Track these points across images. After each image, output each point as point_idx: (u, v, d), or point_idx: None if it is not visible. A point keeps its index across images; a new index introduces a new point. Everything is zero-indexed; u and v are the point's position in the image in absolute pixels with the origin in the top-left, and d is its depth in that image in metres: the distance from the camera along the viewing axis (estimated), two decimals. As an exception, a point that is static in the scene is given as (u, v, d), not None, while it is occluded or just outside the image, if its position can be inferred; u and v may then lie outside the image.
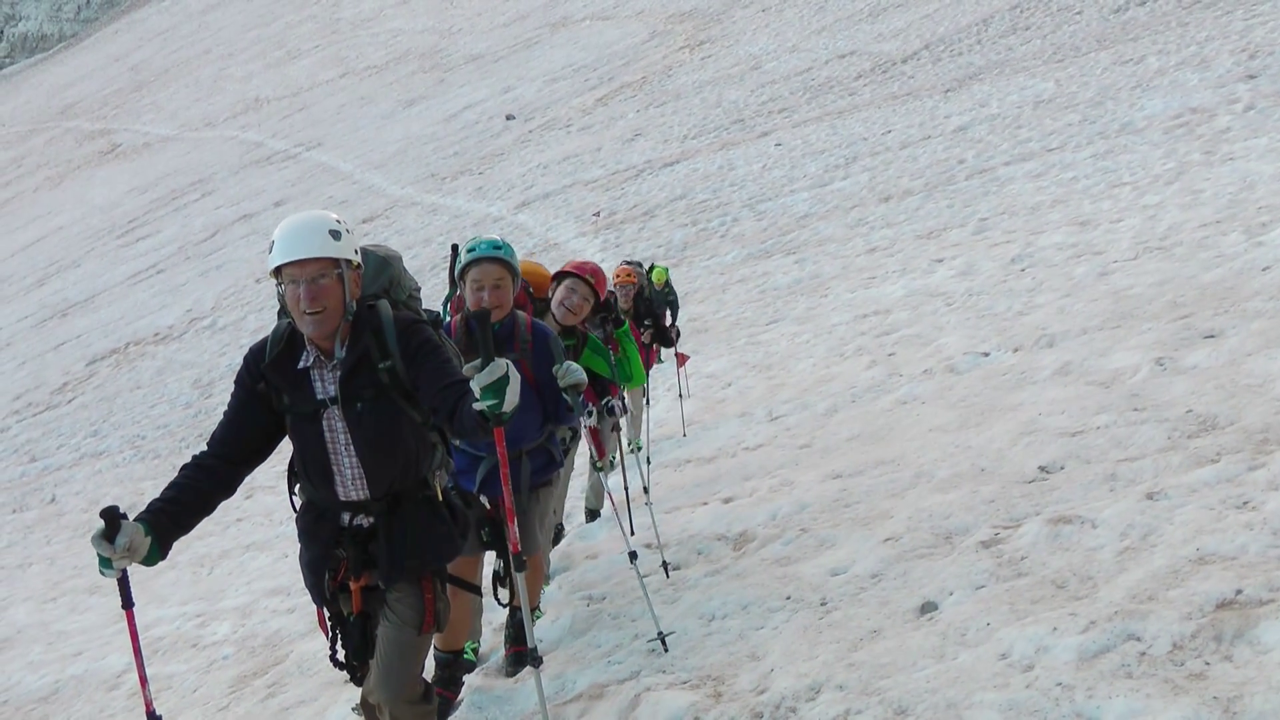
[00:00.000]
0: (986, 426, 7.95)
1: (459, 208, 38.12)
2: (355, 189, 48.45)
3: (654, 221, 28.73)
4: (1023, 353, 9.81)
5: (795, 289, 18.67)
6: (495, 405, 4.02)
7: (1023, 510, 6.02)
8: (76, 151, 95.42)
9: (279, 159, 63.91)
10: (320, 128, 69.26)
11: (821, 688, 4.77)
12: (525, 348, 5.99)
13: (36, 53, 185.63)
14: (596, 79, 53.99)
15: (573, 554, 8.66)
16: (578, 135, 43.62)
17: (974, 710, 4.17)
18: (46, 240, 64.95)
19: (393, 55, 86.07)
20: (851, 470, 8.07)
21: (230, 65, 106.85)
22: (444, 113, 60.37)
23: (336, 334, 4.44)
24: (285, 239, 4.32)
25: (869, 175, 24.94)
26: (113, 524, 4.05)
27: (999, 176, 20.39)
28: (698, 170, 32.30)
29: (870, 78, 35.87)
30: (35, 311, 46.41)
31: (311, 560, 4.72)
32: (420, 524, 4.64)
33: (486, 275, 5.82)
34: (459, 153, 48.48)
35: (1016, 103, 25.92)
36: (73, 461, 24.56)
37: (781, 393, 12.29)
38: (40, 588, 14.21)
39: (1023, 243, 14.78)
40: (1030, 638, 4.56)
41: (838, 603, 5.62)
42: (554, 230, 31.07)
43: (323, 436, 4.52)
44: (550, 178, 38.03)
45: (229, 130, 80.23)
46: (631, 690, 5.36)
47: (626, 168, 35.80)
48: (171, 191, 64.78)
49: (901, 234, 19.19)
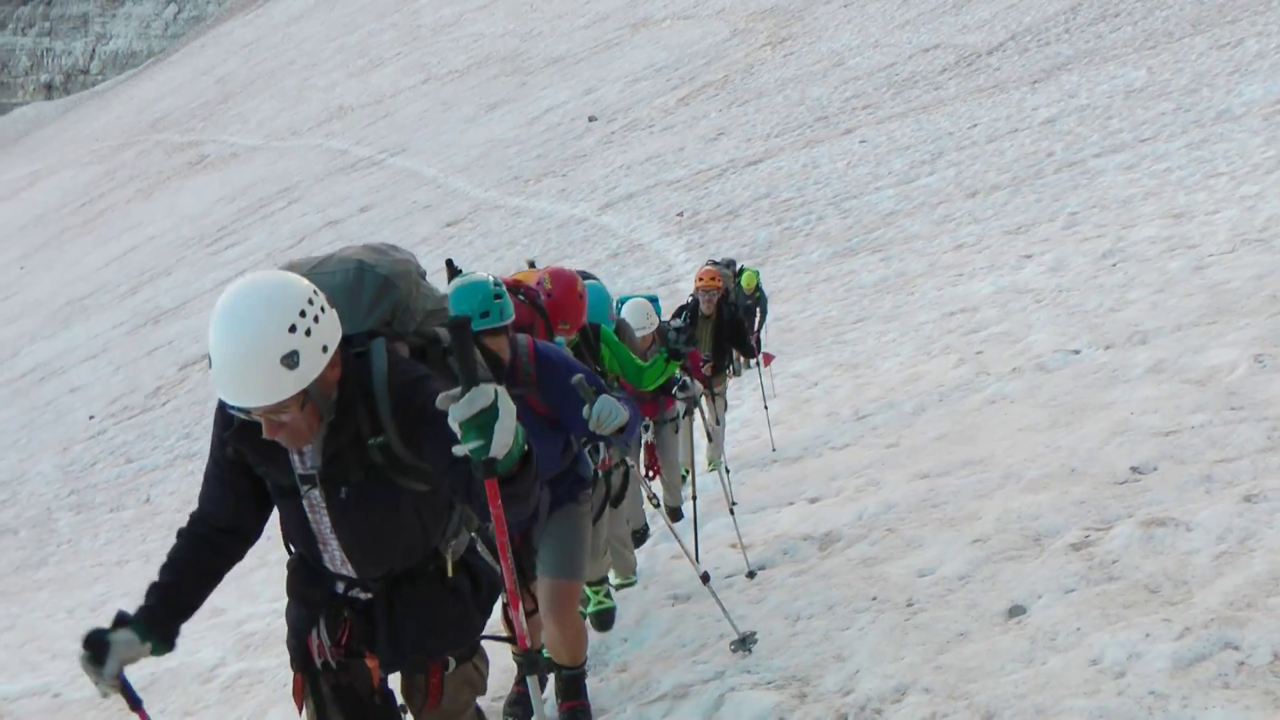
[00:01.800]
0: (1077, 426, 7.81)
1: (543, 210, 38.23)
2: (439, 193, 48.74)
3: (738, 221, 28.64)
4: (1114, 350, 9.63)
5: (881, 287, 18.51)
6: (480, 449, 3.09)
7: (1114, 512, 5.88)
8: (166, 163, 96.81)
9: (363, 166, 64.45)
10: (404, 134, 69.73)
11: (907, 690, 4.71)
12: (529, 380, 5.28)
13: (126, 69, 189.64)
14: (678, 79, 53.90)
15: (658, 554, 8.66)
16: (660, 135, 43.58)
17: (1063, 717, 4.08)
18: (138, 250, 65.92)
19: (474, 60, 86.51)
20: (939, 470, 7.97)
21: (314, 75, 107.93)
22: (526, 116, 60.55)
23: None
24: (224, 371, 3.31)
25: (955, 171, 24.69)
26: (99, 650, 3.56)
27: (1089, 169, 20.07)
28: (781, 169, 32.14)
29: (955, 71, 35.52)
30: (129, 318, 47.12)
31: (298, 621, 4.00)
32: (429, 604, 3.82)
33: None
34: (542, 155, 48.59)
35: (1107, 92, 25.53)
36: (166, 463, 24.91)
37: (868, 392, 12.19)
38: (137, 584, 14.40)
39: (1114, 237, 14.53)
40: (1122, 644, 4.44)
41: (924, 604, 5.54)
42: (638, 231, 31.07)
43: (304, 514, 3.74)
44: (633, 178, 38.04)
45: (314, 139, 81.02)
46: (716, 690, 5.33)
47: (710, 167, 35.71)
48: (259, 200, 65.52)
49: (989, 230, 18.96)
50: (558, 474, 5.59)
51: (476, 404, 3.06)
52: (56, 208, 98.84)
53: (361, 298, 3.77)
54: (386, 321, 3.80)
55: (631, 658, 6.34)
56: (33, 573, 21.88)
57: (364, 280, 3.79)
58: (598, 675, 6.26)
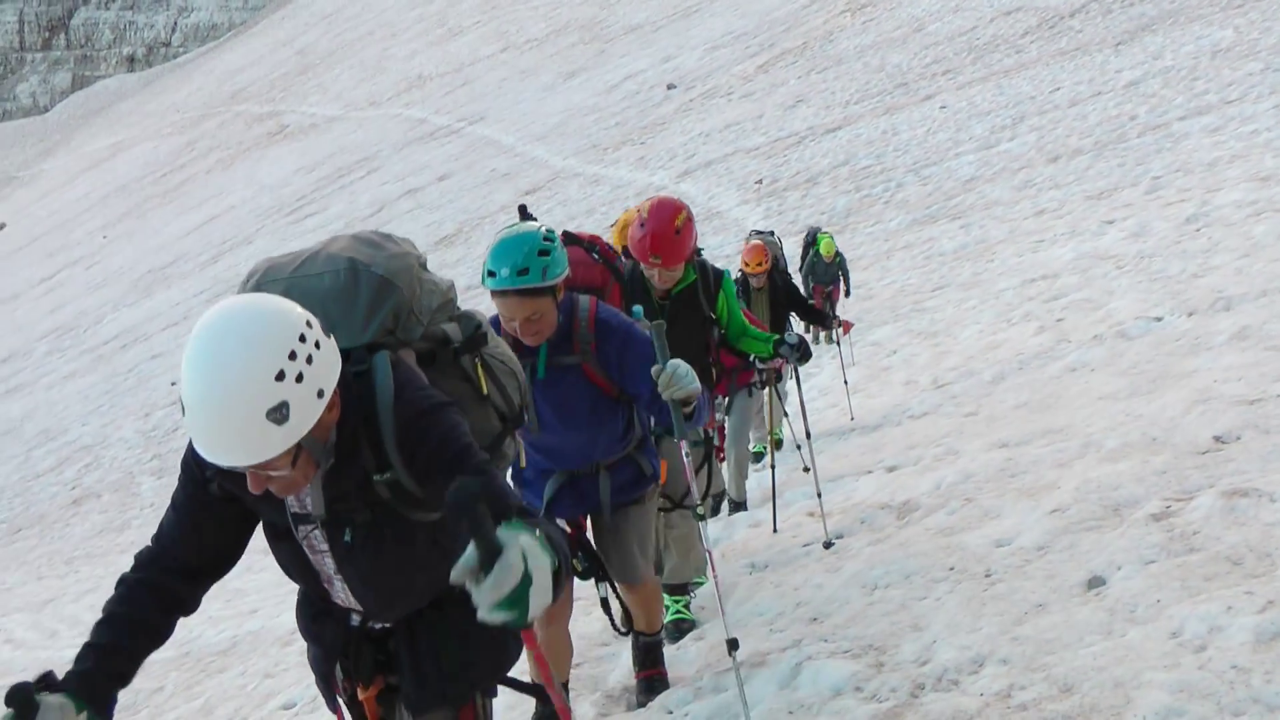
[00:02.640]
0: (1158, 394, 7.72)
1: (621, 178, 38.25)
2: (518, 161, 48.92)
3: (817, 189, 28.53)
4: (1197, 317, 9.49)
5: (961, 254, 18.37)
6: (517, 618, 2.40)
7: (1196, 482, 5.80)
8: (246, 134, 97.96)
9: (442, 134, 64.81)
10: (482, 102, 70.03)
11: (985, 661, 4.68)
12: (587, 349, 4.80)
13: (207, 41, 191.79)
14: (757, 46, 53.58)
15: (735, 522, 8.69)
16: (739, 103, 43.41)
17: (1142, 690, 4.03)
18: (219, 219, 66.80)
19: (553, 28, 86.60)
20: (1018, 439, 7.91)
21: (393, 45, 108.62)
22: (605, 83, 60.56)
23: None
24: (198, 424, 2.76)
25: (1036, 135, 24.39)
26: (25, 710, 2.77)
27: (1173, 132, 19.73)
28: (860, 135, 31.93)
29: (1037, 34, 34.99)
30: (210, 287, 47.74)
31: (315, 662, 3.63)
32: (459, 631, 3.34)
33: (514, 310, 4.57)
34: (620, 123, 48.60)
35: (1192, 53, 25.04)
36: (245, 429, 25.29)
37: (947, 360, 12.13)
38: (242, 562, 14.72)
39: (1198, 201, 14.29)
40: (1203, 616, 4.38)
41: (1002, 575, 5.50)
42: (716, 199, 31.02)
43: (304, 555, 3.33)
44: (712, 146, 37.95)
45: (393, 108, 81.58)
46: (793, 658, 5.32)
47: (788, 135, 35.54)
48: (338, 169, 66.12)
49: (1070, 195, 18.72)
50: (619, 458, 5.16)
51: (505, 586, 2.37)
52: (138, 178, 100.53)
53: (358, 305, 3.20)
54: (389, 330, 3.25)
55: (709, 625, 6.36)
56: (115, 536, 22.41)
57: (359, 283, 3.22)
58: (675, 644, 6.29)
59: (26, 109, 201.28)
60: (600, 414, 4.96)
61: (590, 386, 4.88)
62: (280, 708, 8.03)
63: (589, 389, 4.89)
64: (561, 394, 4.86)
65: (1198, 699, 3.90)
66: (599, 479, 5.10)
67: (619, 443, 5.10)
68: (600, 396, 4.92)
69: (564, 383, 4.85)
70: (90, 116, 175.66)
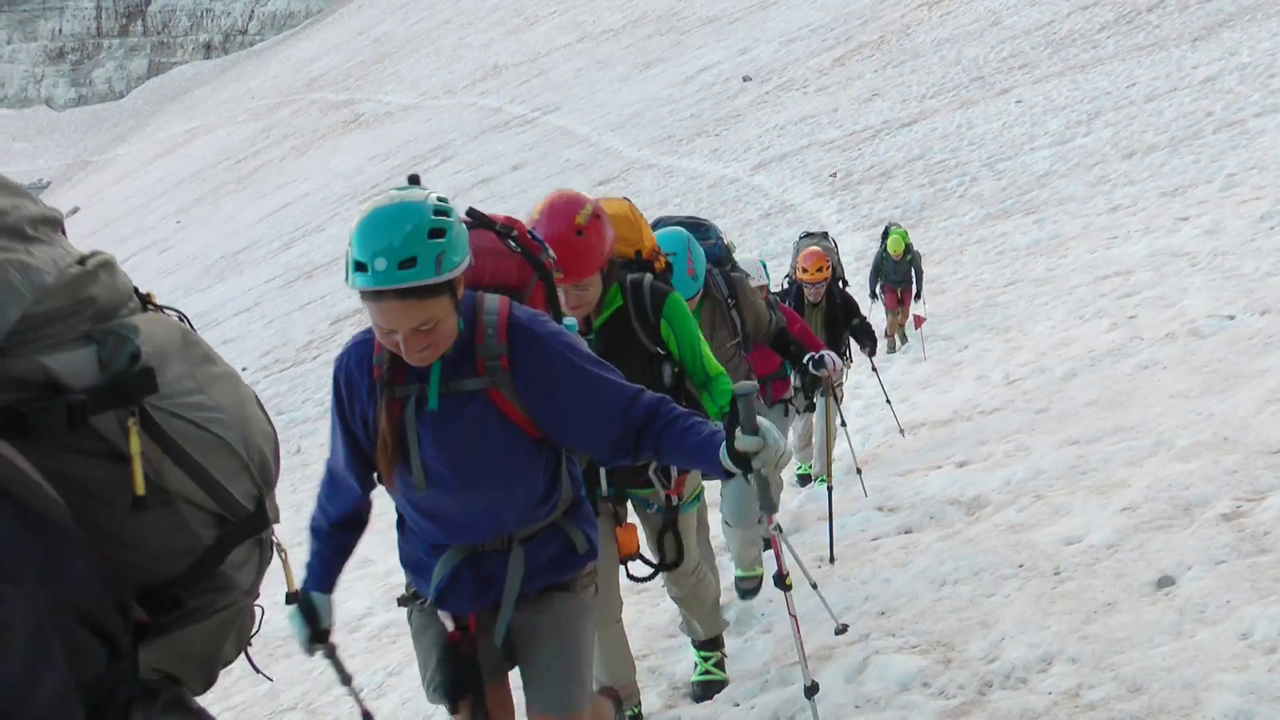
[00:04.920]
0: (1231, 393, 7.68)
1: (695, 169, 38.27)
2: (592, 152, 49.03)
3: (891, 182, 28.42)
4: (1271, 315, 9.41)
5: (1034, 249, 18.24)
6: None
7: (1268, 482, 5.78)
8: (321, 121, 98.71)
9: (517, 124, 65.03)
10: (558, 92, 70.19)
11: (1053, 659, 4.69)
12: (497, 367, 3.34)
13: (284, 29, 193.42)
14: (834, 39, 53.41)
15: (804, 515, 8.70)
16: (814, 96, 43.29)
17: (1211, 691, 4.04)
18: (292, 206, 67.40)
19: (629, 19, 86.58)
20: (1089, 436, 7.89)
21: (469, 34, 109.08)
22: (680, 75, 60.55)
23: None
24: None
25: (1112, 131, 24.16)
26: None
27: (1249, 129, 19.50)
28: (936, 130, 31.77)
29: (1114, 29, 34.65)
30: (282, 273, 48.28)
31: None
32: None
33: (395, 317, 3.16)
34: (695, 115, 48.60)
35: (1270, 49, 24.71)
36: (317, 415, 25.45)
37: (1019, 356, 12.07)
38: (287, 533, 14.75)
39: (1273, 199, 14.13)
40: (1274, 618, 4.37)
41: (1071, 573, 5.51)
42: (790, 192, 30.99)
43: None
44: (786, 139, 37.88)
45: (468, 97, 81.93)
46: (860, 653, 5.35)
47: (863, 128, 35.43)
48: (412, 158, 66.48)
49: (1145, 191, 18.55)
50: (540, 527, 3.61)
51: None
52: (212, 164, 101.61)
53: None
54: None
55: (776, 619, 6.41)
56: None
57: None
58: (742, 636, 6.34)
59: (102, 94, 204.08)
60: (515, 463, 3.45)
61: (500, 422, 3.41)
62: (346, 693, 8.11)
63: (499, 426, 3.41)
64: (459, 433, 3.39)
65: (1267, 701, 3.90)
66: (510, 556, 3.57)
67: (540, 507, 3.58)
68: (516, 437, 3.43)
69: (463, 418, 3.38)
70: (166, 103, 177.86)
